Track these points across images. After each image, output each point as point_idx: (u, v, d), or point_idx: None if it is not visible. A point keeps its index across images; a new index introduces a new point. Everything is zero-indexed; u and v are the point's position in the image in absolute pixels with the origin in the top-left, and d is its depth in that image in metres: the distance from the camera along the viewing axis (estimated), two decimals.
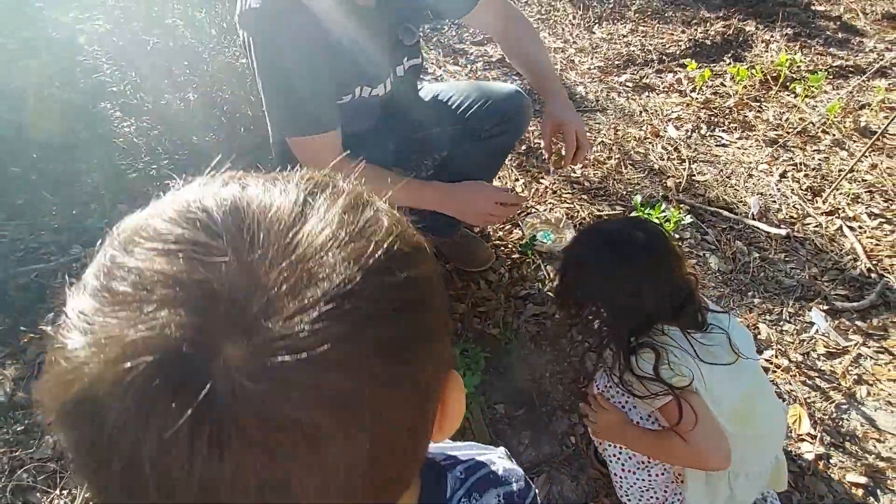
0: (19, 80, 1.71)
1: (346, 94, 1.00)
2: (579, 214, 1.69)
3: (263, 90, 0.91)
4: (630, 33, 2.67)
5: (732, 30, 2.66)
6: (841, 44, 2.68)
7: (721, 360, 0.84)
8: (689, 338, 0.84)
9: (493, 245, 1.58)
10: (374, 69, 1.01)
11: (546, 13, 2.82)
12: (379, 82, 1.04)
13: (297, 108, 0.90)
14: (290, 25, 0.84)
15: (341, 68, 0.95)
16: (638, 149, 1.97)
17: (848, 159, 1.95)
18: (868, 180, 1.86)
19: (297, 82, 0.88)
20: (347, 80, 0.98)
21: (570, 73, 2.38)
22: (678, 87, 2.31)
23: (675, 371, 0.82)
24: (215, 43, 2.04)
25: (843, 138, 2.05)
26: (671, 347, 0.83)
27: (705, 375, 0.82)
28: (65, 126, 1.76)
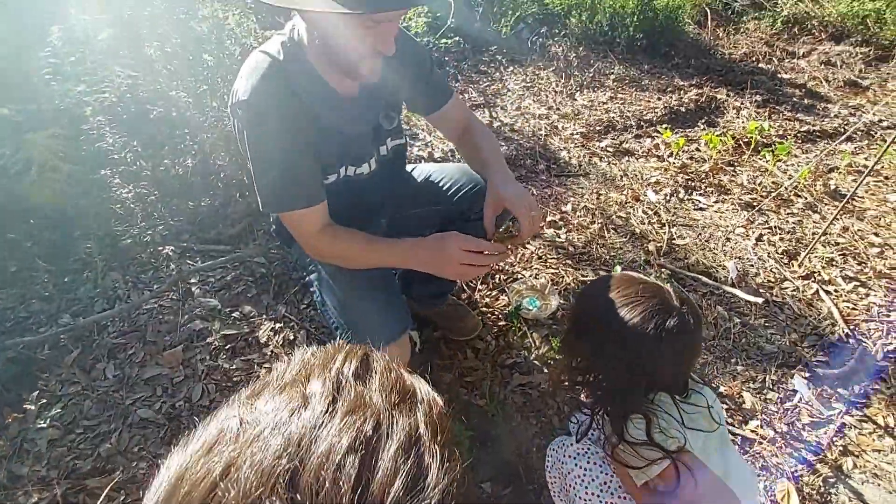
0: (23, 152, 1.77)
1: (332, 174, 1.06)
2: (564, 280, 1.73)
3: (253, 171, 0.96)
4: (609, 100, 2.84)
5: (705, 97, 2.83)
6: (807, 109, 2.85)
7: (703, 426, 0.85)
8: (676, 404, 0.84)
9: (479, 312, 1.60)
10: (358, 150, 1.08)
11: (531, 81, 3.00)
12: (363, 162, 1.10)
13: (283, 186, 0.95)
14: (277, 114, 0.91)
15: (326, 151, 1.01)
16: (620, 213, 2.05)
17: (820, 222, 2.04)
18: (841, 243, 1.94)
19: (284, 164, 0.93)
20: (332, 160, 1.04)
21: (553, 138, 2.51)
22: (656, 152, 2.43)
23: (666, 435, 0.82)
24: (216, 113, 2.14)
25: (815, 201, 2.15)
26: (660, 412, 0.83)
27: (689, 441, 0.83)
28: (64, 194, 1.81)
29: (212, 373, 1.41)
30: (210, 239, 1.86)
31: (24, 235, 1.86)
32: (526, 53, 3.26)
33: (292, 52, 0.93)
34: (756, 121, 2.64)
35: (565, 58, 3.15)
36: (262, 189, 0.97)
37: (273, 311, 1.59)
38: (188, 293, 1.63)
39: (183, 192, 2.06)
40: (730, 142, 2.43)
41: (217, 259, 1.73)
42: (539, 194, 2.11)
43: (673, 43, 3.36)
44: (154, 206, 1.99)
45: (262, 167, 0.94)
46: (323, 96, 0.97)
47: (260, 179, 0.96)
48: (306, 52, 0.93)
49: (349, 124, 1.03)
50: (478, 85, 2.94)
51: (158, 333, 1.49)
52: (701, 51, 3.39)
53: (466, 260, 0.95)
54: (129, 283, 1.66)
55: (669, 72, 3.16)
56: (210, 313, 1.56)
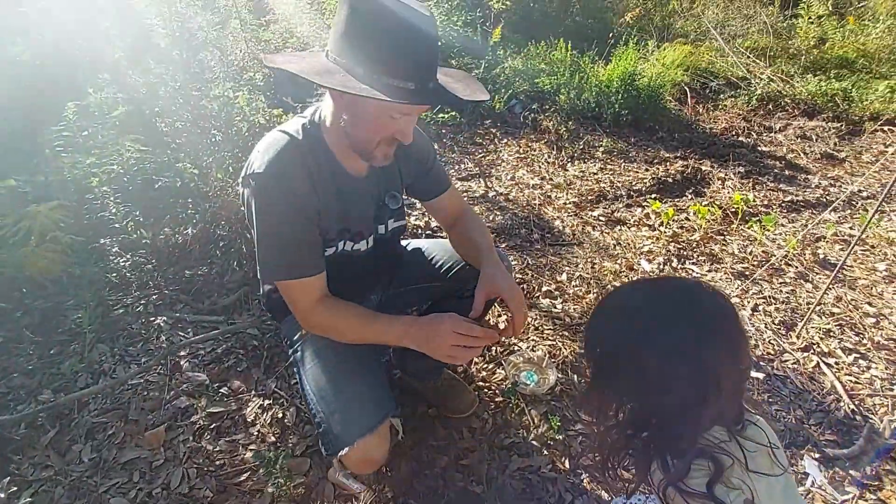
0: (25, 222, 1.80)
1: (330, 248, 1.08)
2: (562, 352, 1.71)
3: (257, 241, 0.97)
4: (600, 171, 2.96)
5: (690, 168, 2.96)
6: (789, 180, 2.97)
7: (765, 469, 0.68)
8: (736, 438, 0.67)
9: (476, 387, 1.56)
10: (359, 226, 1.10)
11: (524, 153, 3.13)
12: (362, 239, 1.12)
13: (284, 256, 0.96)
14: (288, 188, 0.94)
15: (328, 226, 1.04)
16: (615, 282, 2.06)
17: (814, 292, 2.05)
18: (836, 313, 1.94)
19: (287, 235, 0.95)
20: (332, 235, 1.06)
21: (547, 207, 2.58)
22: (647, 221, 2.50)
23: (727, 485, 0.63)
24: (219, 184, 2.21)
25: (806, 270, 2.18)
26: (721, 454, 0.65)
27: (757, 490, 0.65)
28: (60, 264, 1.81)
29: (194, 456, 1.33)
30: (204, 309, 1.84)
31: (16, 304, 1.84)
32: (519, 127, 3.44)
33: (311, 133, 0.98)
34: (741, 191, 2.75)
35: (556, 131, 3.32)
36: (263, 257, 0.98)
37: (263, 386, 1.54)
38: (176, 367, 1.58)
39: (181, 260, 2.07)
40: (717, 212, 2.51)
41: (209, 332, 1.70)
42: (534, 263, 2.14)
43: (656, 118, 3.56)
44: (150, 275, 1.99)
45: (265, 236, 0.96)
46: (334, 174, 1.01)
47: (262, 247, 0.97)
48: (325, 134, 0.99)
49: (355, 202, 1.07)
50: (473, 156, 3.07)
51: (142, 411, 1.43)
52: (683, 125, 3.59)
53: (459, 342, 0.94)
54: (117, 357, 1.62)
55: (655, 144, 3.33)
56: (197, 389, 1.51)
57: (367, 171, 1.08)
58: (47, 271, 1.79)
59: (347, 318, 1.00)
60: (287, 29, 3.51)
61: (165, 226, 2.18)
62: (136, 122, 2.16)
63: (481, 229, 1.20)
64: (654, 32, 4.76)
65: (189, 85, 2.19)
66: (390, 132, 0.91)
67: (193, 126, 2.17)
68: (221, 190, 2.21)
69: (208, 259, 2.06)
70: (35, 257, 1.77)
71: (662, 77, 3.65)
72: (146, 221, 2.09)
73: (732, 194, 2.68)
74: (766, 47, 4.47)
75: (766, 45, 4.50)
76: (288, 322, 1.19)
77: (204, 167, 2.21)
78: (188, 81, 2.19)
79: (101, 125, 2.12)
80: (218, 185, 2.20)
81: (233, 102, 2.25)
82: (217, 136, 2.18)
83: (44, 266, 1.79)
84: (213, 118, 2.19)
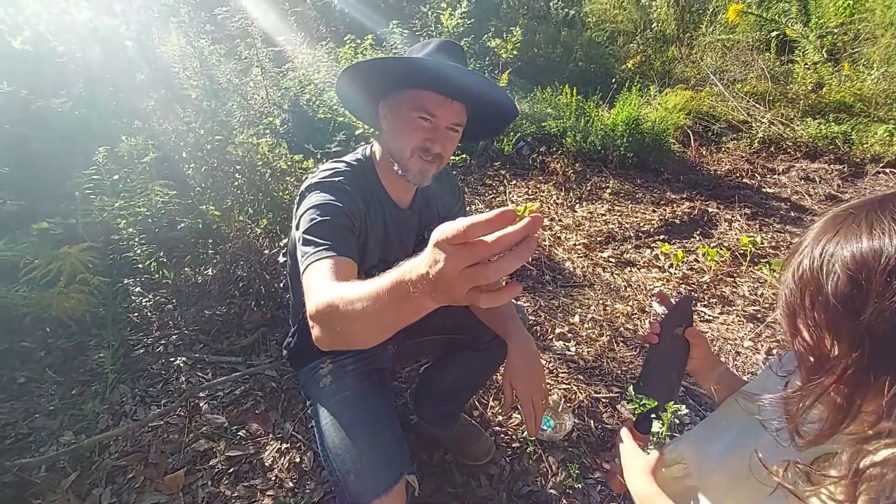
0: (56, 264, 1.86)
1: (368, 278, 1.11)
2: (577, 396, 1.71)
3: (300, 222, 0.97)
4: (608, 212, 3.02)
5: (697, 210, 3.02)
6: (795, 222, 3.02)
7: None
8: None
9: (492, 432, 1.56)
10: (395, 256, 1.13)
11: (533, 193, 3.22)
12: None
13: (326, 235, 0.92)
14: (341, 190, 1.01)
15: (369, 251, 1.09)
16: (627, 325, 2.08)
17: None
18: None
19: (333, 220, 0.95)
20: (373, 262, 1.11)
21: (557, 248, 2.63)
22: (656, 262, 2.53)
23: None
24: (240, 225, 2.28)
25: None
26: None
27: None
28: (85, 304, 1.86)
29: (212, 501, 1.33)
30: (223, 350, 1.87)
31: (40, 344, 1.88)
32: (527, 169, 3.55)
33: (363, 164, 1.10)
34: (748, 233, 2.79)
35: (564, 173, 3.42)
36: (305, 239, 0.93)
37: (280, 429, 1.55)
38: (196, 409, 1.60)
39: (201, 300, 2.12)
40: (726, 254, 2.54)
41: (229, 373, 1.73)
42: (547, 305, 2.16)
43: (661, 160, 3.66)
44: (171, 315, 2.04)
45: (308, 214, 0.96)
46: (382, 203, 1.10)
47: (305, 225, 0.96)
48: (376, 166, 1.11)
49: (398, 232, 1.14)
50: (483, 197, 3.15)
51: (162, 454, 1.44)
52: (688, 167, 3.69)
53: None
54: (137, 398, 1.64)
55: (661, 186, 3.40)
56: (216, 432, 1.52)
57: (410, 203, 1.16)
58: (72, 311, 1.84)
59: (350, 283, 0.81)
60: (305, 76, 3.69)
61: (186, 266, 2.25)
62: (164, 167, 2.26)
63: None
64: (655, 78, 4.96)
65: (215, 130, 2.31)
66: (422, 138, 0.99)
67: (218, 171, 2.26)
68: (241, 231, 2.28)
69: (227, 299, 2.10)
70: (62, 298, 1.82)
71: (665, 121, 3.77)
72: (168, 262, 2.15)
73: (740, 236, 2.73)
74: (765, 92, 4.63)
75: (764, 90, 4.66)
76: (305, 373, 1.22)
77: (226, 209, 2.30)
78: (214, 128, 2.31)
79: (131, 170, 2.22)
80: (238, 227, 2.28)
81: (256, 148, 2.36)
82: (240, 180, 2.28)
83: (70, 306, 1.83)
84: (237, 163, 2.29)
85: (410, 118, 0.99)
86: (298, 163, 2.33)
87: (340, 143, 2.50)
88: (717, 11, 5.70)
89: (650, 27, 5.94)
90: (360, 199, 1.03)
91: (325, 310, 0.71)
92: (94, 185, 2.19)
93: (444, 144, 1.01)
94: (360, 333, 0.66)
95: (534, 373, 1.07)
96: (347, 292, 0.67)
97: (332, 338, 0.71)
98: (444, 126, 1.00)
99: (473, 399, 1.66)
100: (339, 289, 0.72)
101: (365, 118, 1.16)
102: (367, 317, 0.62)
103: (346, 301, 0.66)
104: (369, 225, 1.06)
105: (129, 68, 2.39)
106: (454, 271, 0.45)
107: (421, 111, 0.98)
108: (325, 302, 0.71)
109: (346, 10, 5.88)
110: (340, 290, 0.70)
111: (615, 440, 0.87)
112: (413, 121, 0.99)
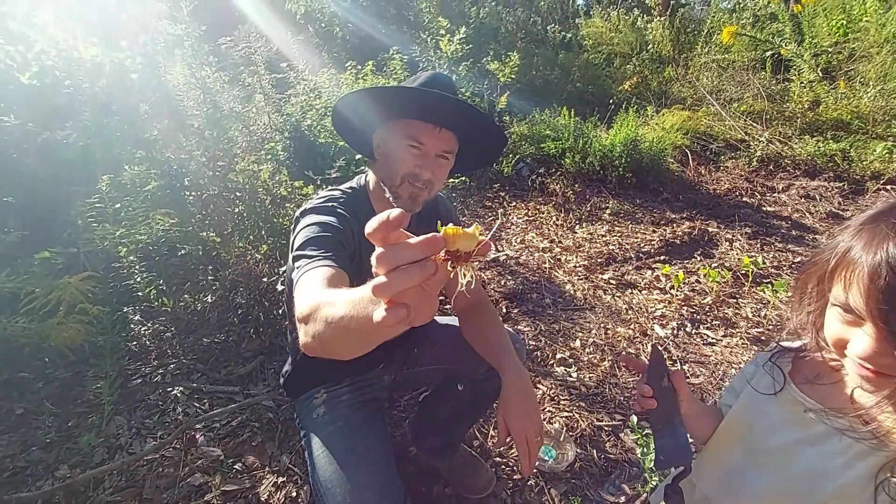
0: (56, 293, 1.87)
1: None
2: (579, 425, 1.68)
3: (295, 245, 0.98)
4: (608, 233, 3.02)
5: (697, 230, 3.02)
6: (797, 240, 3.01)
7: None
8: None
9: (493, 463, 1.53)
10: None
11: (533, 216, 3.23)
12: None
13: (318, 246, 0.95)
14: (333, 212, 1.04)
15: (366, 273, 1.08)
16: (629, 349, 2.05)
17: None
18: None
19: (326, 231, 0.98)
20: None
21: (557, 271, 2.62)
22: (658, 284, 2.52)
23: None
24: (239, 251, 2.29)
25: None
26: None
27: None
28: (84, 333, 1.86)
29: None
30: (220, 379, 1.86)
31: (38, 374, 1.88)
32: (527, 190, 3.56)
33: (356, 192, 1.13)
34: (749, 252, 2.78)
35: (563, 194, 3.43)
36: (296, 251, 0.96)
37: (277, 461, 1.53)
38: (192, 441, 1.58)
39: (199, 328, 2.12)
40: (727, 274, 2.52)
41: (226, 404, 1.71)
42: (547, 329, 2.14)
43: (660, 180, 3.68)
44: (169, 343, 2.03)
45: (302, 234, 0.98)
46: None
47: (299, 239, 0.98)
48: (369, 194, 1.13)
49: None
50: (483, 219, 3.16)
51: (156, 489, 1.42)
52: (687, 186, 3.70)
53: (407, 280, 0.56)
54: (133, 430, 1.63)
55: (660, 206, 3.41)
56: (212, 465, 1.50)
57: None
58: (71, 341, 1.84)
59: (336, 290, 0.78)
60: (307, 103, 3.76)
61: (186, 293, 2.25)
62: (166, 195, 2.29)
63: (497, 327, 1.20)
64: (652, 98, 5.01)
65: (217, 157, 2.34)
66: (412, 165, 1.01)
67: (219, 198, 2.29)
68: (241, 257, 2.29)
69: (226, 327, 2.10)
70: (61, 328, 1.82)
71: (663, 140, 3.80)
72: (168, 289, 2.16)
73: (741, 256, 2.71)
74: (761, 111, 4.67)
75: (761, 109, 4.70)
76: (301, 403, 1.21)
77: (226, 235, 2.31)
78: (216, 156, 2.34)
79: (134, 198, 2.25)
80: (238, 253, 2.29)
81: (257, 175, 2.39)
82: (240, 206, 2.30)
83: (69, 336, 1.84)
84: (238, 190, 2.32)
85: (401, 146, 1.01)
86: (298, 189, 2.35)
87: (340, 169, 2.53)
88: (711, 32, 5.80)
89: (646, 49, 6.04)
90: (354, 224, 1.05)
91: (309, 312, 0.69)
92: (96, 214, 2.21)
93: (434, 171, 1.02)
94: (339, 338, 0.63)
95: (529, 411, 1.04)
96: (332, 296, 0.65)
97: (315, 343, 0.68)
98: (434, 153, 1.02)
99: (473, 429, 1.63)
100: (327, 293, 0.71)
101: (361, 149, 1.19)
102: (345, 322, 0.59)
103: (328, 303, 0.64)
104: (363, 251, 1.07)
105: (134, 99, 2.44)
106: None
107: (411, 139, 1.00)
108: (311, 304, 0.69)
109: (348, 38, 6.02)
110: (327, 294, 0.69)
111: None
112: (403, 149, 1.01)
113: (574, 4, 7.48)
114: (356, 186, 1.15)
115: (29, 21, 2.37)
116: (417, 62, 4.26)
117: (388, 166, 1.05)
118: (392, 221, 0.42)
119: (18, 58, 2.13)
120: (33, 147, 2.31)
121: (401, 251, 0.43)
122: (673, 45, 5.92)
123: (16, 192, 2.26)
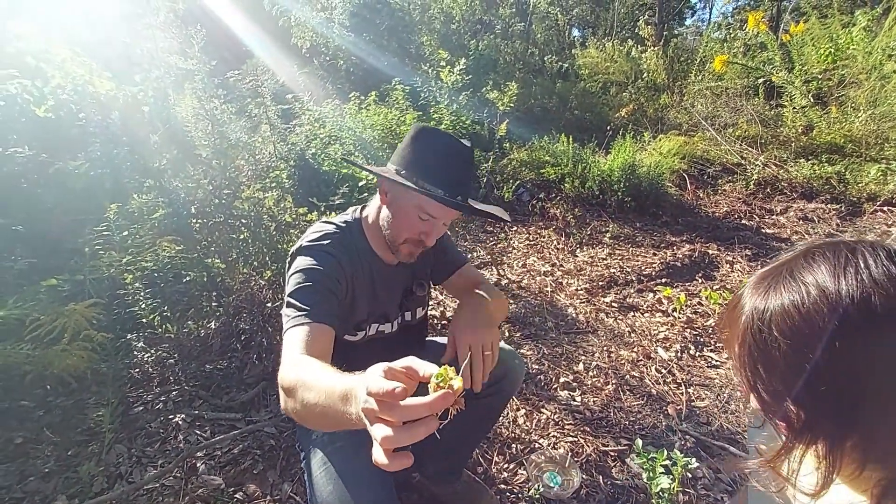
0: (61, 321, 1.88)
1: (360, 332, 1.15)
2: (584, 450, 1.65)
3: (287, 291, 1.00)
4: (608, 256, 3.04)
5: (697, 252, 3.03)
6: None
7: None
8: None
9: (497, 490, 1.50)
10: (385, 309, 1.19)
11: (534, 240, 3.26)
12: (387, 321, 1.20)
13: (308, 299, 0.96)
14: (326, 251, 1.05)
15: (359, 306, 1.12)
16: (633, 372, 2.04)
17: None
18: None
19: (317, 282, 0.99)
20: (363, 316, 1.15)
21: (559, 294, 2.63)
22: (660, 306, 2.52)
23: None
24: (243, 277, 2.31)
25: None
26: None
27: None
28: (87, 361, 1.86)
29: None
30: (222, 406, 1.85)
31: (38, 402, 1.87)
32: (528, 215, 3.61)
33: (352, 226, 1.15)
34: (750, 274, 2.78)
35: (563, 218, 3.47)
36: (288, 301, 0.98)
37: (278, 490, 1.50)
38: (193, 469, 1.56)
39: (202, 354, 2.12)
40: (729, 296, 2.53)
41: (227, 431, 1.70)
42: (550, 353, 2.14)
43: (659, 203, 3.72)
44: (171, 370, 2.03)
45: (294, 278, 1.00)
46: (370, 261, 1.14)
47: (290, 287, 1.00)
48: (365, 228, 1.15)
49: (385, 285, 1.18)
50: (485, 244, 3.19)
51: None
52: (685, 210, 3.74)
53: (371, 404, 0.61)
54: (134, 458, 1.61)
55: (660, 229, 3.44)
56: (212, 494, 1.47)
57: (398, 261, 1.19)
58: (74, 368, 1.84)
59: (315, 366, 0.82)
60: (312, 132, 3.86)
61: (189, 319, 2.26)
62: (173, 223, 2.32)
63: (487, 285, 1.25)
64: (649, 124, 5.13)
65: (223, 185, 2.39)
66: (417, 231, 1.05)
67: (224, 225, 2.33)
68: (245, 283, 2.31)
69: (228, 353, 2.10)
70: (65, 355, 1.83)
71: (661, 165, 3.87)
72: (172, 316, 2.17)
73: (742, 278, 2.72)
74: (756, 135, 4.77)
75: (755, 134, 4.79)
76: (301, 426, 1.20)
77: (230, 262, 2.34)
78: (223, 184, 2.39)
79: (141, 226, 2.29)
80: (242, 279, 2.31)
81: (262, 202, 2.44)
82: (245, 233, 2.33)
83: (72, 363, 1.84)
84: (243, 217, 2.36)
85: (410, 213, 1.04)
86: (303, 215, 2.39)
87: (343, 196, 2.58)
88: (704, 61, 5.97)
89: (641, 77, 6.21)
90: (346, 261, 1.07)
91: (289, 386, 0.77)
92: (103, 241, 2.25)
93: (437, 234, 1.08)
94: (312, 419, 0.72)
95: (477, 323, 1.02)
96: (309, 378, 0.73)
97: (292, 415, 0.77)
98: (441, 223, 1.07)
99: (477, 454, 1.61)
100: (304, 370, 0.77)
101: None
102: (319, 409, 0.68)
103: (304, 387, 0.72)
104: (356, 284, 1.10)
105: (145, 131, 2.51)
106: (372, 415, 0.54)
107: (422, 211, 1.03)
108: (289, 380, 0.77)
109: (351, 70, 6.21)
110: (304, 373, 0.76)
111: None
112: (413, 216, 1.04)
113: (570, 36, 7.74)
114: (350, 220, 1.15)
115: (46, 57, 2.47)
116: (419, 92, 4.39)
117: (394, 224, 1.08)
118: (397, 395, 0.50)
119: (35, 92, 2.21)
120: (44, 177, 2.37)
121: (411, 411, 0.49)
122: (667, 74, 6.09)
123: (25, 221, 2.30)
